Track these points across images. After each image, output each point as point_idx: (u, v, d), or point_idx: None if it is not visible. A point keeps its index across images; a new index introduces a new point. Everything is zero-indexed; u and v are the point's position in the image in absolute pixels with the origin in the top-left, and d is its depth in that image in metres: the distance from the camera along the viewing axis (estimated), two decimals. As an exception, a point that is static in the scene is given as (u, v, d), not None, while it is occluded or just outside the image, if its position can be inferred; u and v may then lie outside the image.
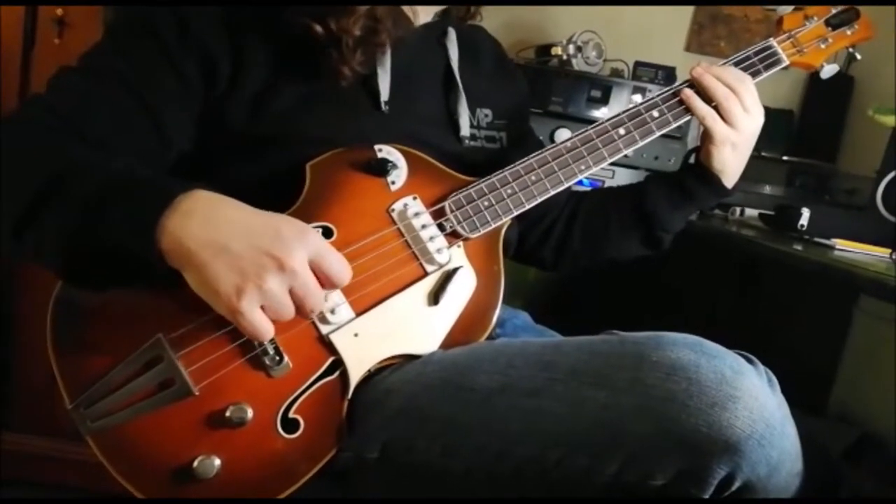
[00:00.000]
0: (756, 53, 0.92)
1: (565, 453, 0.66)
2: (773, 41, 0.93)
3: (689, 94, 0.88)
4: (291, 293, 0.65)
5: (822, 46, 0.95)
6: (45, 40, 1.47)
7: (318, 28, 0.79)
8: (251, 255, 0.63)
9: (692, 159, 0.97)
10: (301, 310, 0.66)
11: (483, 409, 0.69)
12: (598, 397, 0.66)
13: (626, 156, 0.96)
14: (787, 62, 0.93)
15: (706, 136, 0.89)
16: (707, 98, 0.88)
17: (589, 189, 1.10)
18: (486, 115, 0.97)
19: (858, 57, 1.01)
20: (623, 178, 1.49)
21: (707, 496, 0.63)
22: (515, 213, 0.83)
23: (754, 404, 0.62)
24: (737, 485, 0.63)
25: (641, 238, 1.01)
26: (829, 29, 0.95)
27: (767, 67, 0.92)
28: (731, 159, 0.91)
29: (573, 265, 1.07)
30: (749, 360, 0.67)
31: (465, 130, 0.91)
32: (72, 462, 1.51)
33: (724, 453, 0.61)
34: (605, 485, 0.65)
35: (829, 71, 0.97)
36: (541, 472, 0.67)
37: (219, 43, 0.78)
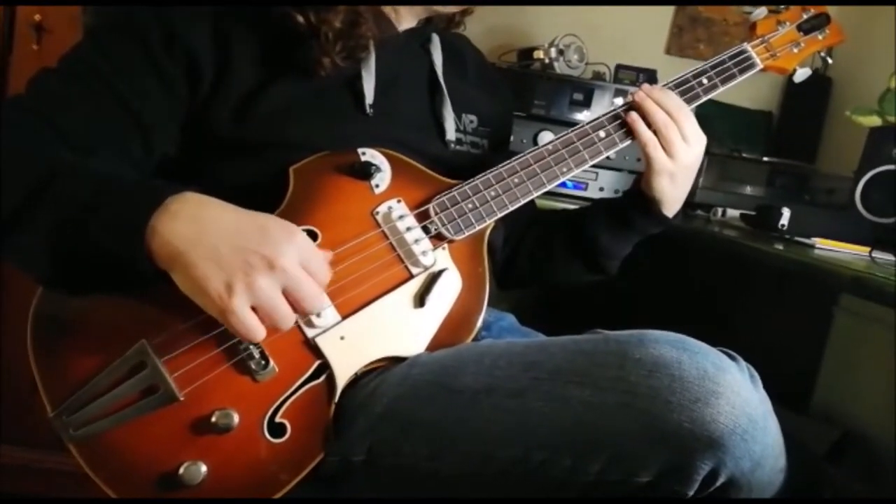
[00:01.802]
0: (731, 58, 0.93)
1: (550, 453, 0.66)
2: (746, 45, 0.94)
3: (634, 117, 0.86)
4: (286, 294, 0.65)
5: (795, 51, 0.96)
6: (24, 46, 1.46)
7: (299, 18, 0.79)
8: (240, 254, 0.63)
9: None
10: (299, 311, 0.66)
11: (468, 410, 0.70)
12: (582, 396, 0.66)
13: (608, 158, 0.96)
14: (760, 66, 0.94)
15: (646, 164, 0.88)
16: (649, 123, 0.86)
17: (543, 210, 1.07)
18: (472, 121, 0.97)
19: (830, 61, 1.03)
20: (606, 180, 1.50)
21: (692, 493, 0.63)
22: (499, 215, 0.84)
23: (737, 400, 0.62)
24: (721, 480, 0.63)
25: (585, 265, 0.99)
26: (801, 34, 0.97)
27: (742, 71, 0.93)
28: (669, 189, 0.89)
29: (519, 286, 1.06)
30: (731, 357, 0.68)
31: (451, 135, 0.91)
32: (55, 473, 1.50)
33: (708, 449, 0.61)
34: (591, 484, 0.65)
35: (801, 74, 0.99)
36: (526, 473, 0.67)
37: (204, 45, 0.77)
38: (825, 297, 1.39)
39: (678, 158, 0.86)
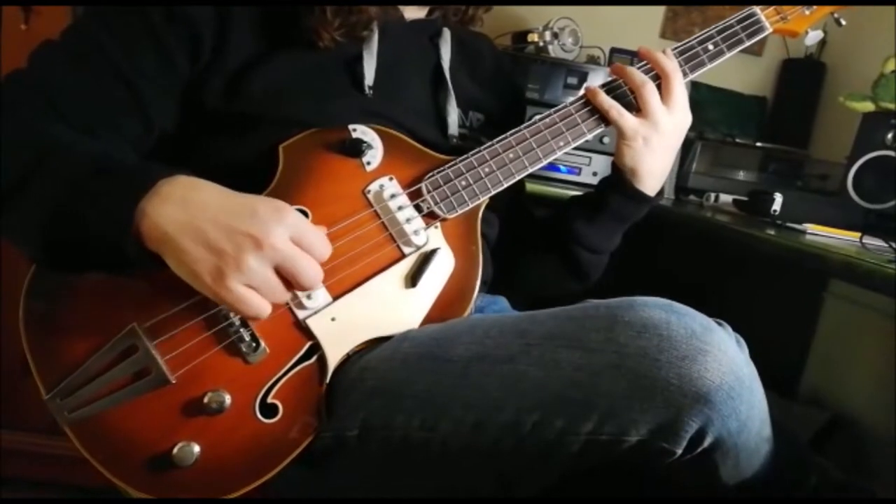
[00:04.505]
0: (739, 21, 0.89)
1: (542, 416, 0.66)
2: (755, 8, 0.90)
3: (592, 88, 0.84)
4: (281, 272, 0.64)
5: (807, 13, 0.92)
6: (11, 26, 1.44)
7: None
8: (228, 235, 0.63)
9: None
10: (298, 286, 0.66)
11: (460, 379, 0.70)
12: (572, 358, 0.66)
13: (602, 142, 0.95)
14: (770, 29, 0.90)
15: (618, 134, 0.85)
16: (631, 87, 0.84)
17: (521, 211, 1.03)
18: (479, 119, 0.96)
19: (844, 22, 0.96)
20: (600, 165, 1.50)
21: (680, 451, 0.64)
22: (493, 192, 0.83)
23: (723, 357, 0.63)
24: (708, 440, 0.64)
25: (560, 260, 0.96)
26: None
27: (750, 35, 0.88)
28: (644, 156, 0.85)
29: (493, 291, 0.99)
30: (718, 323, 0.69)
31: (454, 129, 0.90)
32: (47, 457, 1.49)
33: (695, 404, 0.62)
34: (582, 445, 0.66)
35: (813, 37, 0.94)
36: (518, 439, 0.67)
37: (205, 18, 0.77)
38: (815, 283, 1.40)
39: (654, 118, 0.83)
